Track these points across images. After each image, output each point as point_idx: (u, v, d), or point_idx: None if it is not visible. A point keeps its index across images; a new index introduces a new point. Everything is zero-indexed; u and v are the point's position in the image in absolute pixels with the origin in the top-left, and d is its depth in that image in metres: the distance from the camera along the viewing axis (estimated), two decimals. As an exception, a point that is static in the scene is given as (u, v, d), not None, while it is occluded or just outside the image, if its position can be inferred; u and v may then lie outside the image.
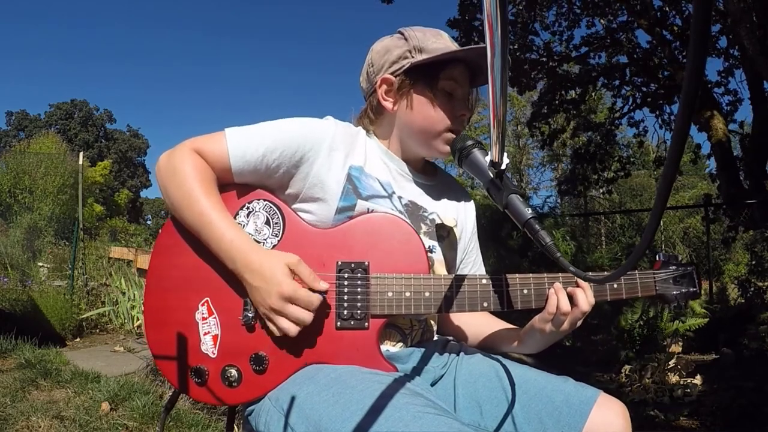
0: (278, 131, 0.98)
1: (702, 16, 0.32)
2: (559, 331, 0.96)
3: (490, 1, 0.52)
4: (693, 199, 15.04)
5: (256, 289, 0.89)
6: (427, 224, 1.07)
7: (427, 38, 1.05)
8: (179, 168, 0.94)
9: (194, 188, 0.92)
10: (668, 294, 1.04)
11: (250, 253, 0.90)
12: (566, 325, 0.96)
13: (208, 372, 0.91)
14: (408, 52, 1.05)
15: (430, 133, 1.05)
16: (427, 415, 0.72)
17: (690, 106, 0.35)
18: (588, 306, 0.95)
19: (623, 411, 0.93)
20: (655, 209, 0.44)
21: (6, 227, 10.59)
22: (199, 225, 0.92)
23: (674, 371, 3.38)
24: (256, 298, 0.90)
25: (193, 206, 0.92)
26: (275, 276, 0.87)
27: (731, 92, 7.26)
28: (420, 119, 1.05)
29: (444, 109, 1.04)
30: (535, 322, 0.99)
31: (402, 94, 1.05)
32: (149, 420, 2.57)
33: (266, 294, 0.88)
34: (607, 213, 10.99)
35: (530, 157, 26.29)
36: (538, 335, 1.00)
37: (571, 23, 7.46)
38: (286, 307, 0.87)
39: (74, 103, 44.97)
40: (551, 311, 0.95)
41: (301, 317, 0.87)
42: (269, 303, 0.87)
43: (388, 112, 1.07)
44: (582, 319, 0.96)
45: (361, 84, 1.15)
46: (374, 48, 1.11)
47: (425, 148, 1.08)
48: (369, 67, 1.10)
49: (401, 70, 1.05)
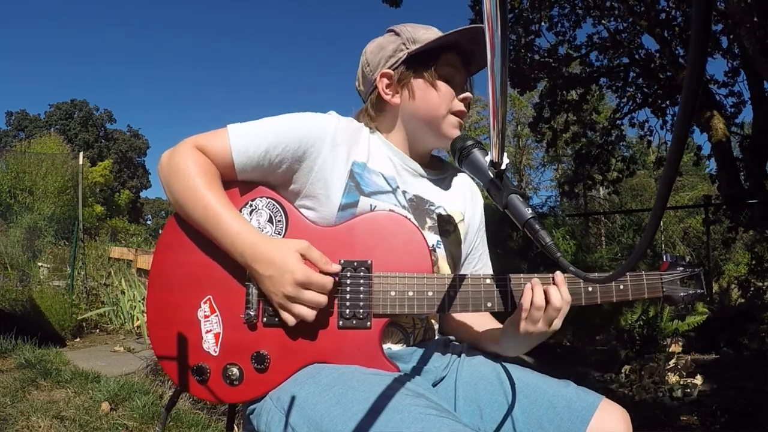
0: (281, 126, 0.97)
1: (702, 16, 0.32)
2: (534, 330, 0.90)
3: (490, 1, 0.52)
4: (693, 200, 15.03)
5: (268, 278, 0.88)
6: (432, 219, 1.07)
7: (418, 30, 1.07)
8: (181, 164, 0.93)
9: (197, 183, 0.92)
10: (675, 295, 1.02)
11: (258, 243, 0.89)
12: (541, 323, 0.90)
13: (210, 370, 0.91)
14: (402, 45, 1.06)
15: (436, 118, 1.06)
16: (429, 416, 0.72)
17: (690, 107, 0.35)
18: (561, 302, 0.89)
19: (624, 417, 0.92)
20: (655, 210, 0.44)
21: (6, 227, 10.58)
22: (204, 219, 0.91)
23: (674, 371, 3.38)
24: (268, 287, 0.89)
25: (198, 200, 0.91)
26: (287, 263, 0.87)
27: (735, 94, 7.24)
28: (424, 105, 1.05)
29: (446, 92, 1.05)
30: (510, 320, 0.96)
31: (403, 84, 1.06)
32: (149, 420, 2.57)
33: (280, 282, 0.87)
34: (607, 213, 10.98)
35: (530, 157, 26.29)
36: (514, 335, 0.94)
37: (574, 24, 7.45)
38: (302, 293, 0.87)
39: (74, 103, 44.94)
40: (525, 307, 0.90)
41: (317, 301, 0.87)
42: (283, 291, 0.87)
43: (391, 106, 1.08)
44: (560, 318, 0.91)
45: (357, 88, 1.15)
46: (367, 49, 1.12)
47: (434, 135, 1.08)
48: (365, 67, 1.11)
49: (399, 62, 1.06)
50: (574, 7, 7.38)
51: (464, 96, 1.08)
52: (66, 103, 44.86)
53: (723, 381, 3.34)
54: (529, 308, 0.90)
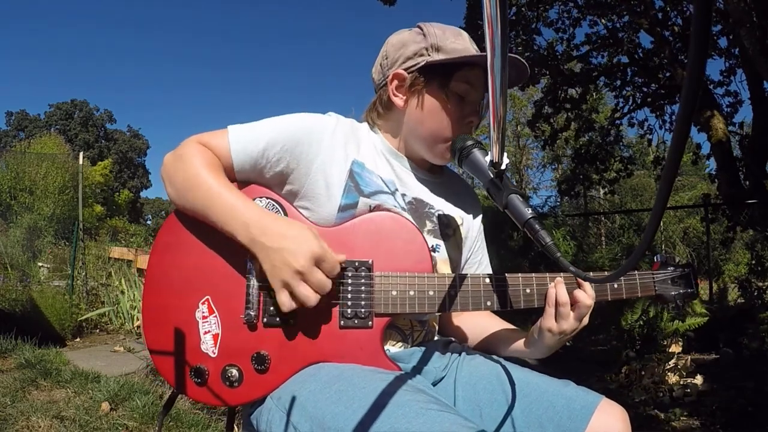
0: (280, 126, 0.97)
1: (702, 16, 0.32)
2: (566, 326, 0.94)
3: (490, 1, 0.52)
4: (693, 200, 15.03)
5: (277, 251, 0.84)
6: (432, 222, 1.06)
7: (447, 37, 1.03)
8: (186, 156, 0.93)
9: (201, 170, 0.91)
10: (667, 294, 1.05)
11: (267, 217, 0.88)
12: (572, 319, 0.94)
13: (209, 372, 0.90)
14: (425, 50, 1.03)
15: (437, 139, 1.04)
16: (430, 411, 0.72)
17: (690, 107, 0.35)
18: (590, 300, 0.94)
19: (623, 416, 0.92)
20: (655, 210, 0.44)
21: (6, 227, 10.58)
22: (208, 202, 0.89)
23: (674, 371, 3.38)
24: (275, 262, 0.84)
25: (201, 185, 0.90)
26: (304, 236, 0.85)
27: (732, 93, 7.24)
28: (429, 121, 1.03)
29: (454, 114, 1.03)
30: (540, 322, 0.98)
31: (413, 92, 1.04)
32: (149, 420, 2.57)
33: (293, 255, 0.83)
34: (607, 213, 10.98)
35: (530, 157, 26.29)
36: (546, 335, 0.97)
37: (574, 22, 7.45)
38: (313, 271, 0.83)
39: (74, 103, 44.95)
40: (551, 304, 0.94)
41: (324, 284, 0.85)
42: (296, 264, 0.82)
43: (397, 108, 1.06)
44: (588, 315, 0.96)
45: (372, 75, 1.13)
46: (390, 40, 1.09)
47: (428, 152, 1.07)
48: (383, 59, 1.08)
49: (416, 67, 1.03)
50: (574, 4, 7.38)
51: (470, 120, 1.05)
52: (66, 103, 44.87)
53: (723, 381, 3.34)
54: (556, 306, 0.94)
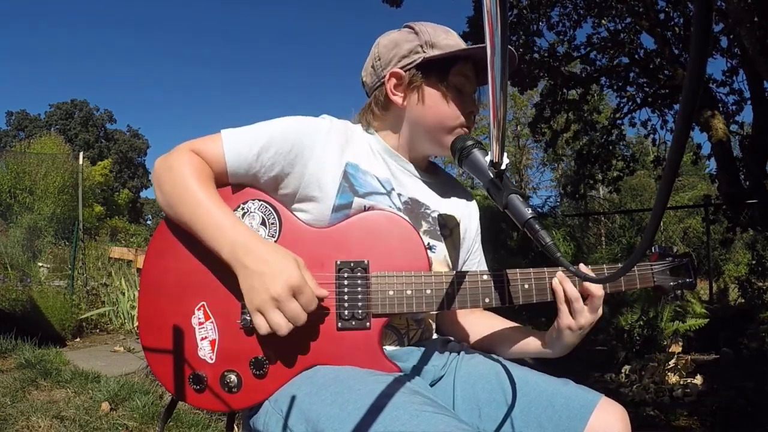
0: (273, 130, 0.97)
1: (703, 16, 0.32)
2: (583, 321, 0.94)
3: (490, 1, 0.52)
4: (693, 200, 15.03)
5: (258, 274, 0.83)
6: (429, 222, 1.06)
7: (438, 34, 1.05)
8: (175, 165, 0.93)
9: (190, 182, 0.90)
10: (665, 285, 1.05)
11: (252, 239, 0.86)
12: (588, 312, 0.94)
13: (207, 378, 0.89)
14: (420, 47, 1.04)
15: (443, 129, 1.05)
16: (425, 413, 0.72)
17: (690, 107, 0.35)
18: (601, 290, 0.95)
19: (623, 415, 0.92)
20: (655, 210, 0.43)
21: (6, 227, 10.58)
22: (195, 216, 0.88)
23: (674, 371, 3.38)
24: (254, 284, 0.83)
25: (189, 198, 0.89)
26: (286, 264, 0.83)
27: (736, 92, 7.22)
28: (432, 114, 1.04)
29: (456, 105, 1.04)
30: (557, 321, 0.97)
31: (413, 88, 1.04)
32: (149, 420, 2.57)
33: (271, 280, 0.82)
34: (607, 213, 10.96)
35: (530, 157, 26.28)
36: (566, 333, 0.96)
37: (575, 23, 7.45)
38: (288, 301, 0.82)
39: (74, 103, 44.94)
40: (563, 302, 0.95)
41: (298, 316, 0.82)
42: (272, 291, 0.81)
43: (396, 106, 1.06)
44: (600, 306, 0.96)
45: (363, 78, 1.13)
46: (380, 42, 1.09)
47: (435, 145, 1.07)
48: (375, 60, 1.09)
49: (413, 64, 1.03)
50: (575, 6, 7.38)
51: (470, 111, 1.07)
52: (66, 103, 44.87)
53: (723, 381, 3.34)
54: (568, 303, 0.94)
